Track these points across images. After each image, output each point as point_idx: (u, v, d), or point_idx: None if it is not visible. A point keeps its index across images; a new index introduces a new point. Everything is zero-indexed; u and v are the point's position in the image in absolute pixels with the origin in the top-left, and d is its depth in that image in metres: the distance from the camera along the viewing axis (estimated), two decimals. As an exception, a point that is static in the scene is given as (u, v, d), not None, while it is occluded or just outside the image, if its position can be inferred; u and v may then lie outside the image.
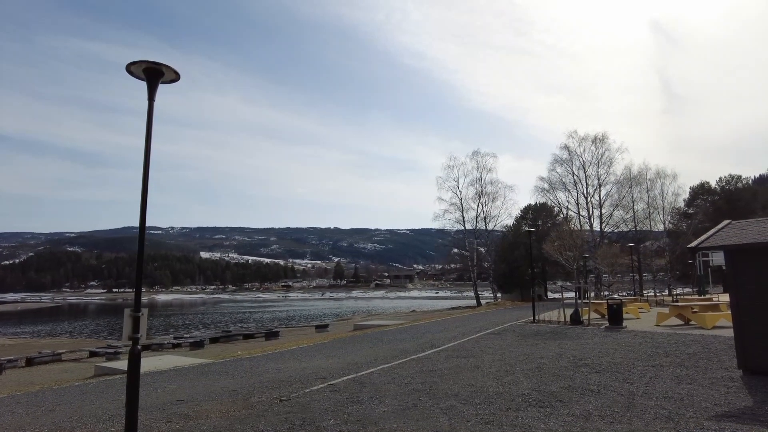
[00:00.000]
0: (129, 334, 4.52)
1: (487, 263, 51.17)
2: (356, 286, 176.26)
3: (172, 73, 4.90)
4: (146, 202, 4.68)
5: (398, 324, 23.05)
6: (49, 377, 17.28)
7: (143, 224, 4.68)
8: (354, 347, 13.80)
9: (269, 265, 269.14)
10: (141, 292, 4.62)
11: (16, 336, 45.89)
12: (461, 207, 48.72)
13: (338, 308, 78.32)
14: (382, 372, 9.13)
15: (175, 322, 60.67)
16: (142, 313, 4.56)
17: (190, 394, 7.75)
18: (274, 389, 7.88)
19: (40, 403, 7.46)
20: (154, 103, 4.83)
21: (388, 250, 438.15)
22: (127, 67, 4.79)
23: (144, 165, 4.73)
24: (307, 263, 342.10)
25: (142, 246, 4.69)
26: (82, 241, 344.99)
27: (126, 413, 4.50)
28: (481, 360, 10.17)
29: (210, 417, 6.26)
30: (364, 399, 6.92)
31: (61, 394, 8.23)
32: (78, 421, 6.18)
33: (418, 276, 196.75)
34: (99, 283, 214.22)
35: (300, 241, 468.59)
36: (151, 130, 4.76)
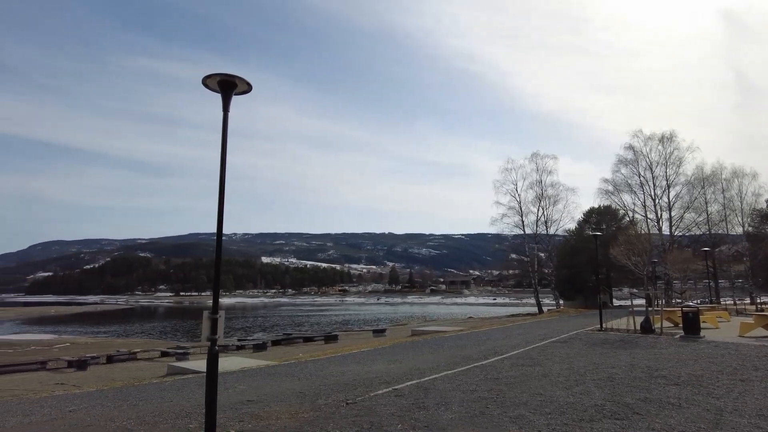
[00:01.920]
0: (208, 336, 4.72)
1: (548, 269, 49.57)
2: (411, 291, 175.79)
3: (245, 84, 5.10)
4: (222, 209, 4.89)
5: (457, 330, 22.75)
6: (127, 374, 18.41)
7: (220, 231, 4.88)
8: (414, 353, 13.75)
9: (326, 269, 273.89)
10: (218, 295, 4.82)
11: (96, 335, 49.35)
12: (520, 211, 47.50)
13: (394, 313, 78.44)
14: (446, 378, 9.03)
15: (237, 324, 62.96)
16: (220, 315, 4.75)
17: (258, 394, 7.99)
18: (340, 392, 7.97)
19: (125, 398, 7.95)
20: (229, 114, 5.06)
21: (443, 255, 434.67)
22: (203, 80, 5.03)
23: (220, 174, 4.94)
24: (362, 268, 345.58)
25: (219, 253, 4.89)
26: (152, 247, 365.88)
27: (206, 410, 4.69)
28: (548, 369, 9.84)
29: (280, 418, 6.42)
30: (429, 405, 6.87)
31: (142, 391, 8.73)
32: (159, 416, 6.53)
33: (474, 282, 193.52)
34: (167, 286, 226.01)
35: (355, 247, 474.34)
36: (226, 140, 4.98)
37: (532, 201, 47.76)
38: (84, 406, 7.39)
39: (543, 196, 47.31)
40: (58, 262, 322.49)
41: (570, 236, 51.14)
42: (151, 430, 5.91)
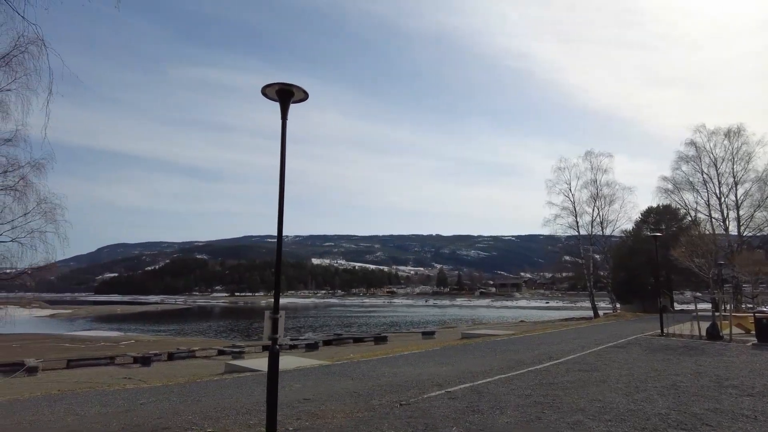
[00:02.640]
0: (269, 335, 4.91)
1: (603, 271, 47.75)
2: (460, 294, 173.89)
3: (302, 92, 5.28)
4: (282, 213, 5.07)
5: (509, 334, 22.34)
6: (187, 371, 19.27)
7: (280, 235, 5.07)
8: (466, 356, 13.64)
9: (374, 271, 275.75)
10: (279, 296, 5.01)
11: (157, 333, 51.97)
12: (574, 211, 46.00)
13: (442, 315, 77.85)
14: (500, 382, 8.92)
15: (288, 324, 64.52)
16: (280, 315, 4.93)
17: (314, 393, 8.18)
18: (393, 393, 8.05)
19: (189, 394, 8.36)
20: (287, 122, 5.24)
21: (492, 257, 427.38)
22: (263, 89, 5.25)
23: (280, 180, 5.13)
24: (409, 270, 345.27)
25: (279, 255, 5.08)
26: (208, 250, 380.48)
27: (267, 407, 4.88)
28: (606, 374, 9.52)
29: (336, 417, 6.57)
30: (484, 409, 6.82)
31: (203, 387, 9.14)
32: (221, 412, 6.83)
33: (525, 284, 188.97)
34: (222, 287, 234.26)
35: (402, 248, 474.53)
36: (284, 147, 5.17)
37: (587, 201, 46.16)
38: (152, 400, 7.84)
39: (598, 196, 45.66)
40: (122, 264, 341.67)
41: (627, 237, 49.07)
42: (215, 425, 6.19)
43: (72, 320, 69.51)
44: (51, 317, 70.92)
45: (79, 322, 66.10)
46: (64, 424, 6.26)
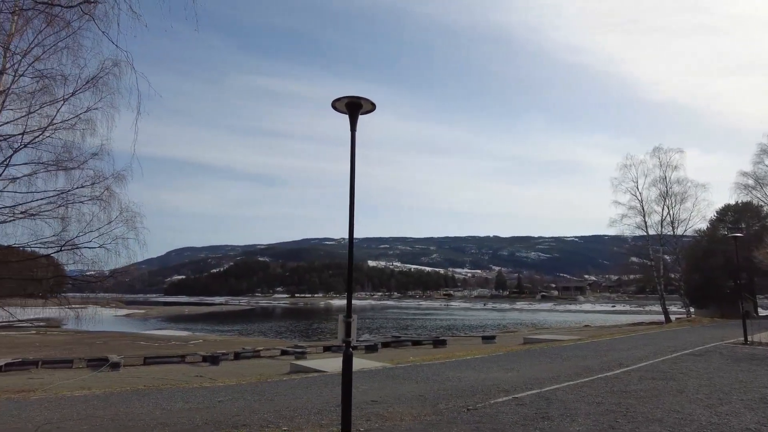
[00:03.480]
0: (343, 338, 5.10)
1: (675, 274, 45.10)
2: (520, 297, 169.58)
3: (369, 104, 5.44)
4: (353, 219, 5.25)
5: (574, 339, 21.63)
6: (253, 370, 20.06)
7: (351, 238, 5.24)
8: (530, 361, 13.37)
9: (430, 273, 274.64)
10: (351, 300, 5.18)
11: (222, 333, 54.39)
12: (642, 210, 43.72)
13: (502, 319, 76.32)
14: (568, 389, 8.71)
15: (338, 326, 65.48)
16: (353, 319, 5.10)
17: (380, 395, 8.34)
18: (459, 397, 8.06)
19: (261, 393, 8.76)
20: (356, 133, 5.42)
21: (554, 259, 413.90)
22: (332, 103, 5.46)
23: (350, 187, 5.31)
24: (466, 272, 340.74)
25: (350, 261, 5.25)
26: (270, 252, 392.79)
27: (342, 408, 5.06)
28: (683, 384, 9.06)
29: (404, 419, 6.67)
30: (553, 416, 6.70)
31: (274, 387, 9.53)
32: (294, 411, 7.11)
33: (589, 287, 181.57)
34: (283, 288, 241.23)
35: (459, 250, 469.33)
36: (354, 156, 5.34)
37: (656, 199, 43.76)
38: (229, 398, 8.28)
39: (668, 194, 43.21)
40: (189, 267, 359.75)
41: (701, 237, 46.07)
42: (289, 423, 6.47)
43: (145, 320, 74.03)
44: (127, 317, 75.85)
45: (151, 322, 70.31)
46: (153, 416, 6.76)
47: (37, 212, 12.90)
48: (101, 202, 13.40)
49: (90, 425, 6.24)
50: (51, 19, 11.53)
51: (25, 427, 6.19)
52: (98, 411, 7.16)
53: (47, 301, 13.50)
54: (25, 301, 13.59)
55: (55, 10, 9.55)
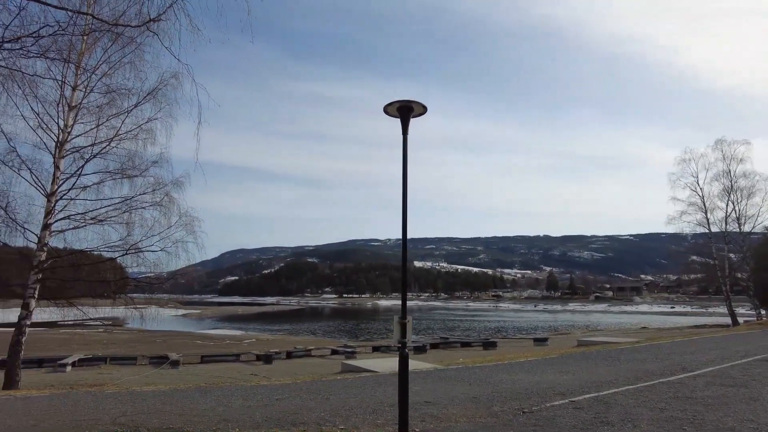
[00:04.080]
0: (398, 339, 5.17)
1: (742, 273, 42.43)
2: (573, 298, 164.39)
3: (421, 107, 5.49)
4: (406, 220, 5.31)
5: (632, 342, 20.80)
6: (306, 369, 20.50)
7: (404, 240, 5.30)
8: (586, 364, 12.99)
9: (478, 274, 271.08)
10: (406, 301, 5.25)
11: (274, 333, 55.84)
12: (704, 207, 41.33)
13: (553, 321, 74.37)
14: (628, 393, 8.41)
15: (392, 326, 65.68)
16: (408, 320, 5.16)
17: (434, 396, 8.35)
18: (514, 400, 7.96)
19: (316, 392, 8.97)
20: (407, 136, 5.48)
21: (608, 258, 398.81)
22: (384, 108, 5.54)
23: (403, 190, 5.38)
24: (516, 273, 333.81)
25: (404, 264, 5.32)
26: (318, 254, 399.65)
27: (399, 408, 5.13)
28: (757, 392, 8.56)
29: (458, 421, 6.67)
30: (614, 421, 6.51)
31: (328, 386, 9.74)
32: (349, 411, 7.25)
33: (646, 288, 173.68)
34: (332, 289, 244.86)
35: (507, 250, 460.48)
36: (406, 159, 5.41)
37: (719, 195, 41.23)
38: (286, 396, 8.53)
39: (733, 189, 40.65)
40: (242, 268, 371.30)
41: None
42: (345, 422, 6.60)
43: (201, 320, 77.07)
44: (184, 316, 79.17)
45: (207, 322, 73.10)
46: (216, 413, 7.07)
47: (104, 218, 13.74)
48: (162, 208, 14.11)
49: (159, 419, 6.61)
50: (116, 37, 12.26)
51: (103, 418, 6.64)
52: (166, 406, 7.57)
53: (115, 301, 14.35)
54: (96, 301, 14.48)
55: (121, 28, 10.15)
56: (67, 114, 13.16)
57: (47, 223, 12.72)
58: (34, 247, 12.92)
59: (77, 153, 13.42)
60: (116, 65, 13.61)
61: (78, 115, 13.44)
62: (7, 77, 11.78)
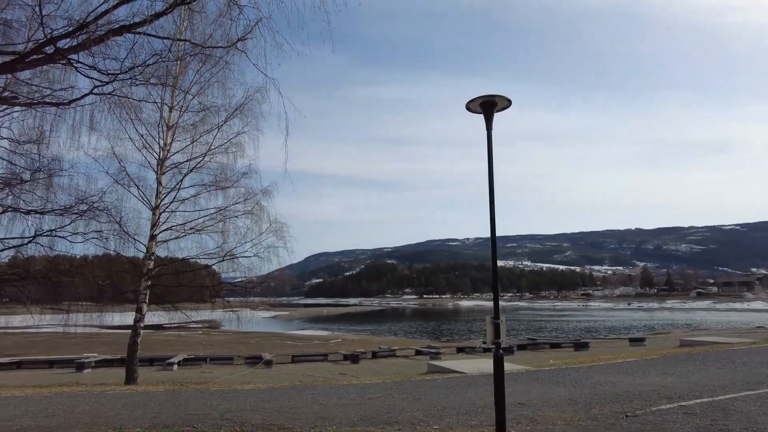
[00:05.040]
0: (492, 339, 5.08)
1: None
2: (670, 295, 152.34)
3: (505, 101, 5.36)
4: (494, 220, 5.21)
5: (747, 342, 18.91)
6: (392, 369, 20.72)
7: (493, 239, 5.21)
8: (693, 366, 11.98)
9: (564, 272, 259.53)
10: (498, 301, 5.14)
11: (358, 333, 57.03)
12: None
13: (649, 320, 69.48)
14: (749, 400, 7.65)
15: (476, 327, 64.59)
16: (501, 320, 5.06)
17: (528, 398, 8.11)
18: (614, 403, 7.53)
19: (406, 392, 9.04)
20: (491, 132, 5.38)
21: (710, 251, 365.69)
22: (466, 105, 5.48)
23: (489, 187, 5.28)
24: (606, 269, 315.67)
25: (494, 259, 5.22)
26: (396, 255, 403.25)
27: (496, 410, 5.04)
28: None
29: (556, 424, 6.42)
30: (734, 429, 5.95)
31: (419, 386, 9.77)
32: (442, 411, 7.23)
33: (759, 282, 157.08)
34: (411, 290, 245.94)
35: (596, 246, 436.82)
36: (492, 156, 5.31)
37: None
38: (378, 395, 8.68)
39: None
40: (325, 270, 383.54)
41: None
42: (439, 422, 6.59)
43: (290, 321, 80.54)
44: (274, 318, 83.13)
45: (295, 322, 76.28)
46: (313, 410, 7.35)
47: (202, 227, 14.79)
48: (253, 216, 14.93)
49: (261, 416, 6.98)
50: (206, 58, 13.17)
51: (212, 413, 7.15)
52: (266, 403, 7.99)
53: (214, 304, 15.40)
54: (197, 305, 15.62)
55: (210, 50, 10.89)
56: (165, 133, 14.34)
57: (153, 234, 13.92)
58: (143, 257, 14.21)
59: (176, 169, 14.59)
60: (206, 85, 14.61)
61: (175, 133, 14.59)
62: (116, 105, 13.06)
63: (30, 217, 12.20)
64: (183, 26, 13.37)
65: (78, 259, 13.97)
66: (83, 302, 14.23)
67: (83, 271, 13.64)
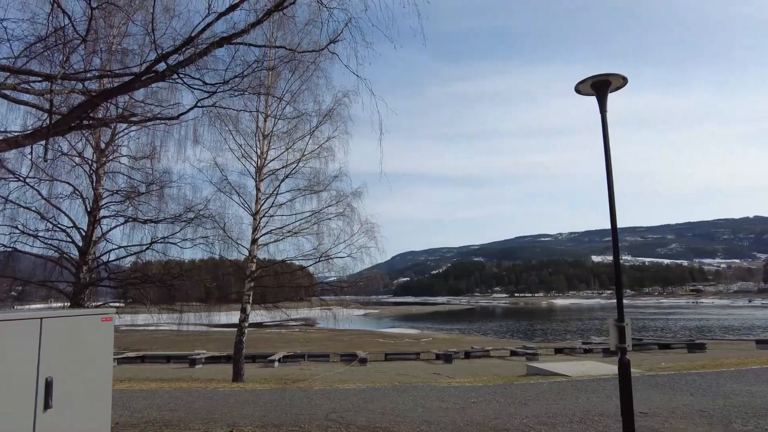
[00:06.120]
0: (616, 344, 4.61)
1: None
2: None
3: (619, 79, 4.85)
4: (614, 211, 4.73)
5: None
6: (488, 370, 20.13)
7: (615, 233, 4.73)
8: None
9: (670, 266, 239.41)
10: (622, 301, 4.67)
11: (448, 332, 56.46)
12: None
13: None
14: None
15: (573, 327, 61.35)
16: (627, 323, 4.58)
17: (648, 406, 7.38)
18: (761, 418, 6.59)
19: (512, 395, 8.61)
20: (606, 114, 4.90)
21: None
22: (576, 87, 5.04)
23: (607, 175, 4.81)
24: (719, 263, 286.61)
25: (616, 256, 4.74)
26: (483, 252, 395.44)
27: (623, 421, 4.58)
28: None
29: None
30: None
31: (523, 390, 9.29)
32: (553, 418, 6.76)
33: None
34: (501, 288, 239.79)
35: (706, 237, 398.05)
36: (608, 140, 4.83)
37: None
38: (481, 398, 8.35)
39: None
40: (412, 269, 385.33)
41: None
42: (551, 430, 6.16)
43: (380, 319, 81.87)
44: (364, 316, 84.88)
45: (385, 320, 77.38)
46: (417, 413, 7.21)
47: (298, 230, 15.33)
48: (345, 218, 15.24)
49: (366, 417, 6.96)
50: (295, 66, 13.59)
51: (317, 413, 7.25)
52: (368, 404, 7.98)
53: (312, 303, 15.93)
54: (296, 304, 16.26)
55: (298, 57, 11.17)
56: (262, 142, 15.05)
57: (255, 238, 14.66)
58: (244, 260, 15.01)
59: (273, 175, 15.27)
60: (297, 92, 15.15)
61: (271, 141, 15.27)
62: (216, 117, 13.93)
63: (146, 225, 13.37)
64: (272, 36, 13.95)
65: (187, 263, 15.10)
66: (193, 303, 15.35)
67: (193, 274, 14.68)
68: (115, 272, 14.01)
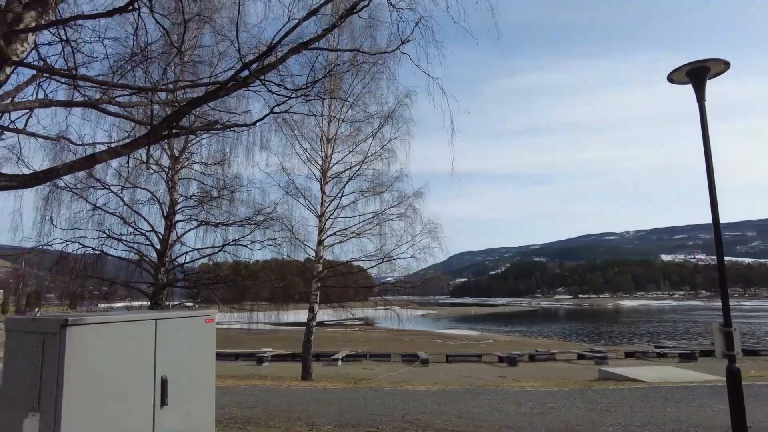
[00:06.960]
0: (722, 351, 4.28)
1: None
2: None
3: (720, 65, 4.51)
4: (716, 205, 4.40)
5: None
6: (555, 374, 19.44)
7: (717, 229, 4.39)
8: None
9: (752, 265, 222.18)
10: (728, 305, 4.33)
11: (508, 333, 55.09)
12: None
13: None
14: None
15: (641, 329, 58.11)
16: (735, 328, 4.24)
17: (751, 420, 6.79)
18: None
19: (592, 401, 8.23)
20: (704, 103, 4.56)
21: None
22: (668, 76, 4.75)
23: (707, 169, 4.48)
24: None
25: (720, 254, 4.40)
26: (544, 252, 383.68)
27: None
28: None
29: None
30: None
31: (603, 396, 8.86)
32: (641, 428, 6.36)
33: None
34: (564, 289, 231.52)
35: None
36: (707, 130, 4.50)
37: None
38: (559, 404, 8.04)
39: None
40: (469, 270, 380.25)
41: None
42: (641, 440, 5.82)
43: (438, 319, 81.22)
44: (423, 316, 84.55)
45: (443, 321, 76.71)
46: (494, 417, 7.04)
47: (362, 231, 15.46)
48: (407, 218, 15.23)
49: (442, 420, 6.88)
50: (357, 70, 13.72)
51: (393, 414, 7.25)
52: (442, 407, 7.89)
53: (376, 303, 16.03)
54: (363, 303, 16.44)
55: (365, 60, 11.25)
56: (326, 146, 15.32)
57: (321, 239, 14.94)
58: (310, 260, 15.33)
59: (337, 178, 15.50)
60: (359, 96, 15.29)
61: (334, 145, 15.52)
62: (283, 123, 14.32)
63: (218, 228, 13.95)
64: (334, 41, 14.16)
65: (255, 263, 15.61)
66: (261, 302, 15.85)
67: (261, 275, 15.16)
68: (189, 273, 14.72)
